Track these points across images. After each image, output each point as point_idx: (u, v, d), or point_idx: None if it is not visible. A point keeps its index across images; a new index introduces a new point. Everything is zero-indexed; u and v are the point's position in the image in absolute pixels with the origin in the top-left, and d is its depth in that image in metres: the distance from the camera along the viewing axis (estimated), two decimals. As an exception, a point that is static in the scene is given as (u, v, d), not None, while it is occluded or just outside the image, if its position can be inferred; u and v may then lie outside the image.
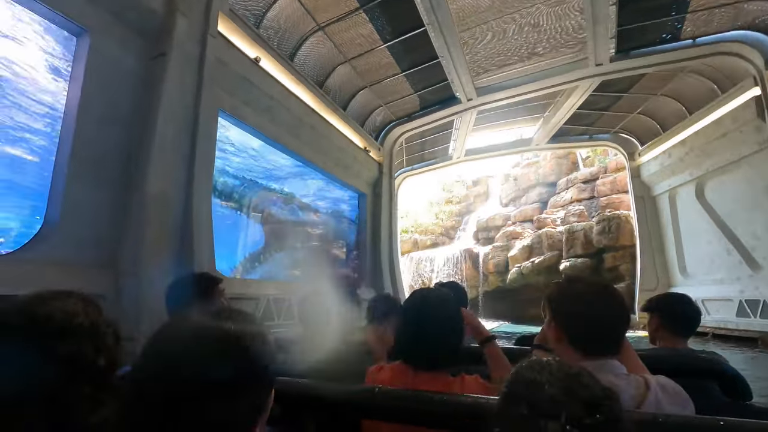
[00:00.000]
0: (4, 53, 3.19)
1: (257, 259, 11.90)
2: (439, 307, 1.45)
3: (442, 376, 1.36)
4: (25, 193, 3.33)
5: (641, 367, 1.38)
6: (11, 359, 0.84)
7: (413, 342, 1.40)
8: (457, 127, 10.33)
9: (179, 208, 3.91)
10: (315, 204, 9.76)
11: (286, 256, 12.34)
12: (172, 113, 3.89)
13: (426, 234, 18.99)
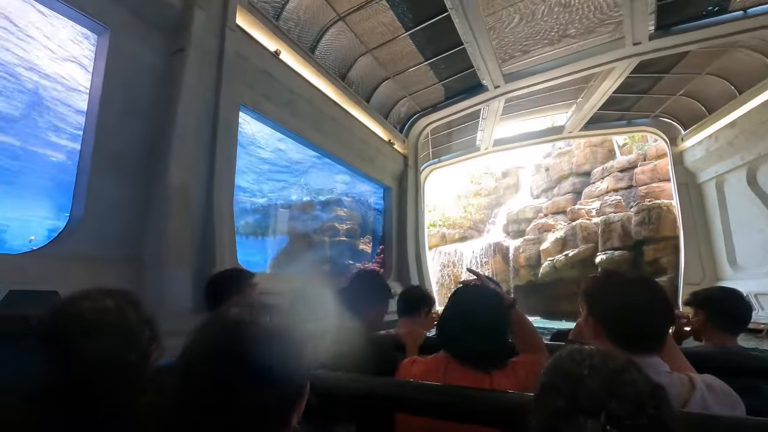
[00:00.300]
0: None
1: (286, 254, 12.11)
2: (486, 305, 1.44)
3: (474, 372, 1.35)
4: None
5: (686, 365, 1.30)
6: (39, 355, 0.89)
7: (463, 336, 1.39)
8: (485, 117, 10.02)
9: (201, 202, 3.93)
10: (341, 199, 9.76)
11: (313, 251, 12.44)
12: (192, 107, 3.89)
13: (454, 228, 18.68)
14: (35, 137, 8.81)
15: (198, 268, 3.71)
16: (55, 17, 4.48)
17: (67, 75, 8.28)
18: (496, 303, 1.50)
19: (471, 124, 10.60)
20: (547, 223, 15.02)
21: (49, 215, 9.32)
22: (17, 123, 8.67)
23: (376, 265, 9.30)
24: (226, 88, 4.34)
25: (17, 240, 9.24)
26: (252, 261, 8.65)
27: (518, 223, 16.82)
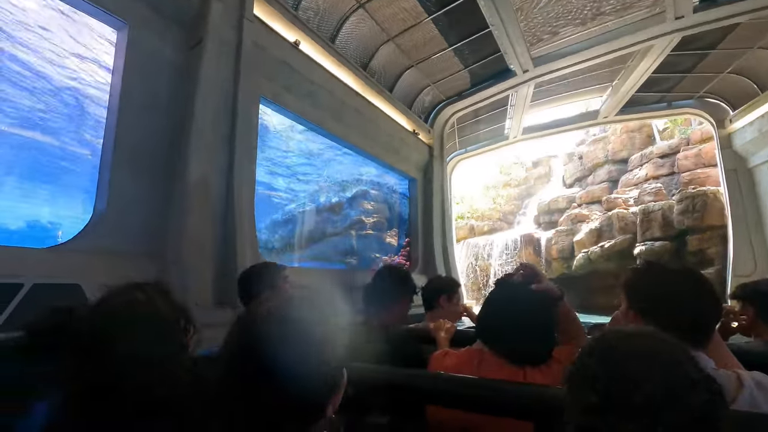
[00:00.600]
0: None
1: (312, 247, 12.11)
2: (524, 302, 1.40)
3: (509, 366, 1.33)
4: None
5: (733, 361, 1.23)
6: (75, 350, 0.90)
7: (505, 332, 1.36)
8: (513, 104, 9.63)
9: (221, 195, 3.91)
10: (368, 191, 9.67)
11: (340, 244, 12.41)
12: (211, 100, 3.86)
13: (483, 220, 18.27)
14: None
15: (219, 262, 3.70)
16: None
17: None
18: (543, 299, 1.44)
19: (499, 112, 10.24)
20: (581, 213, 14.42)
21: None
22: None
23: (402, 258, 9.17)
24: (244, 80, 4.29)
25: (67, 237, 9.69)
26: (277, 253, 8.70)
27: (550, 213, 16.24)
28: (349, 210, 14.11)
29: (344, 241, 13.63)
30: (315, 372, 0.75)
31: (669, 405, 0.50)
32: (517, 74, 8.03)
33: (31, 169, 9.27)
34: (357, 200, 14.27)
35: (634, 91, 9.30)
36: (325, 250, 12.93)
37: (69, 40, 7.73)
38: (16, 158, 9.05)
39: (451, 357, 1.48)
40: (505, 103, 9.73)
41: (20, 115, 8.73)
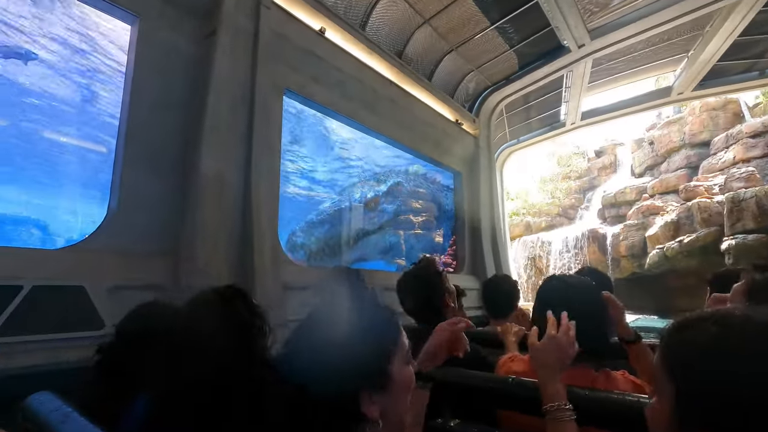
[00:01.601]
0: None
1: (358, 248, 11.88)
2: (579, 294, 1.36)
3: (584, 369, 1.30)
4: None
5: None
6: (162, 352, 0.92)
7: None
8: (569, 86, 8.71)
9: (238, 192, 3.69)
10: (416, 190, 9.27)
11: (388, 244, 12.05)
12: (225, 93, 3.66)
13: (540, 215, 17.05)
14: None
15: (235, 261, 3.48)
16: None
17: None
18: (585, 295, 1.37)
19: (552, 96, 9.32)
20: (654, 204, 12.89)
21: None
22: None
23: (449, 257, 8.64)
24: (263, 71, 4.07)
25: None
26: (322, 254, 8.54)
27: (616, 206, 14.74)
28: (395, 207, 13.75)
29: (392, 241, 13.26)
30: (371, 370, 0.80)
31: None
32: (572, 50, 7.19)
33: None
34: (403, 197, 13.84)
35: (716, 59, 7.99)
36: (371, 251, 12.64)
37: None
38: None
39: (517, 362, 1.45)
40: (559, 86, 8.82)
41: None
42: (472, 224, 8.21)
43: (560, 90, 8.96)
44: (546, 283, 1.48)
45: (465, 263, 7.87)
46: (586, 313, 1.32)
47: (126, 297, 2.92)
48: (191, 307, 1.02)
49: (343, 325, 0.81)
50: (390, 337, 0.91)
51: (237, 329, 0.97)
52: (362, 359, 0.81)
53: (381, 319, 0.92)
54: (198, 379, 0.86)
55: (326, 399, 0.75)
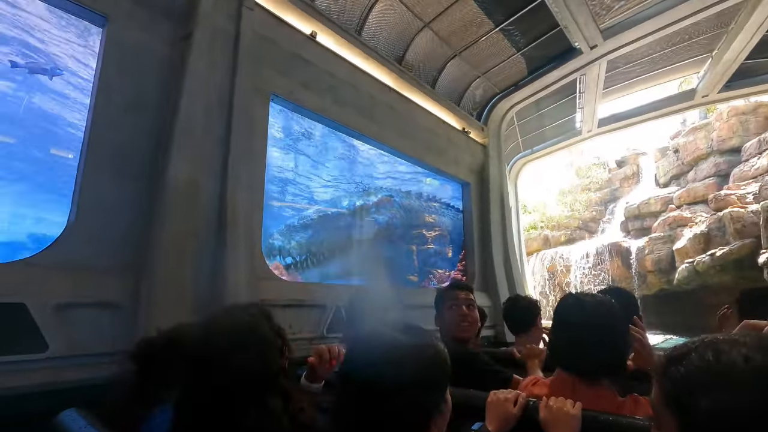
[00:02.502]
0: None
1: (364, 263, 11.44)
2: (596, 313, 1.32)
3: (608, 394, 1.29)
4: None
5: None
6: (188, 368, 1.02)
7: (570, 348, 1.32)
8: (582, 90, 8.29)
9: (212, 199, 3.43)
10: (429, 204, 8.96)
11: (396, 259, 11.63)
12: (200, 93, 3.44)
13: (559, 229, 16.35)
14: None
15: (204, 275, 3.18)
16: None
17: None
18: (603, 314, 1.32)
19: (566, 103, 8.90)
20: (681, 216, 12.12)
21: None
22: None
23: (458, 273, 8.17)
24: (244, 74, 3.84)
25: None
26: (330, 271, 8.20)
27: (640, 218, 13.99)
28: (410, 222, 13.35)
29: (405, 257, 12.79)
30: (417, 393, 0.83)
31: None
32: (584, 52, 6.81)
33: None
34: (417, 212, 13.44)
35: (743, 58, 7.44)
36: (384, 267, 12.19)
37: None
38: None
39: (541, 386, 1.41)
40: (572, 91, 8.41)
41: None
42: (482, 237, 7.77)
43: (574, 96, 8.54)
44: (562, 302, 1.43)
45: (475, 279, 7.39)
46: (604, 334, 1.28)
47: (74, 316, 2.66)
48: (218, 326, 1.06)
49: (411, 356, 0.84)
50: (448, 363, 0.95)
51: (262, 346, 1.02)
52: (435, 387, 0.86)
53: (439, 348, 0.93)
54: (225, 389, 0.94)
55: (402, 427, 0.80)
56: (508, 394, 1.35)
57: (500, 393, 1.36)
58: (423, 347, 0.88)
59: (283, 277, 5.40)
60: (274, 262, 5.95)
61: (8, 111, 4.97)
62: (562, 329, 1.39)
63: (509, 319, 2.85)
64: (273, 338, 1.08)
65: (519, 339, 2.61)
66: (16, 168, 4.80)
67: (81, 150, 3.10)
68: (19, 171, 4.84)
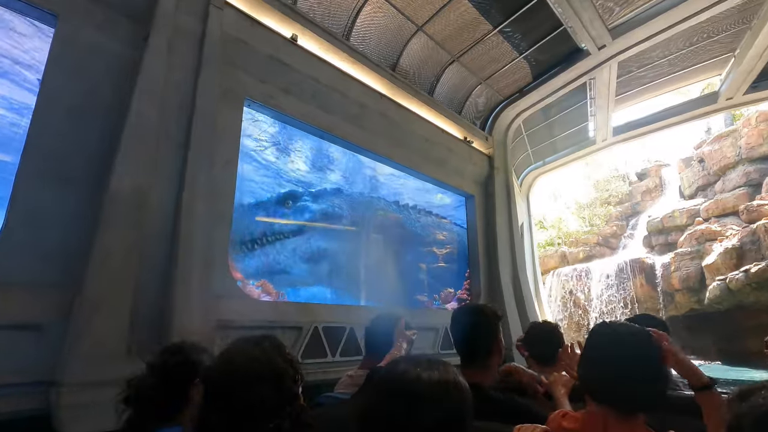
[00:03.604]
0: None
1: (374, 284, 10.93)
2: (630, 343, 1.25)
3: (642, 428, 1.22)
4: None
5: None
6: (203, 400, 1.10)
7: (603, 381, 1.25)
8: (593, 96, 7.80)
9: (165, 213, 3.10)
10: (441, 222, 8.58)
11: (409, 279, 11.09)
12: (155, 96, 3.17)
13: (577, 245, 15.50)
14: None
15: (148, 293, 2.83)
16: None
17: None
18: (647, 342, 1.26)
19: (576, 110, 8.41)
20: (710, 229, 11.25)
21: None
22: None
23: (464, 292, 7.63)
24: (210, 77, 3.58)
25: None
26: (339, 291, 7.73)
27: (665, 233, 13.10)
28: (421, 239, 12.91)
29: (414, 276, 12.28)
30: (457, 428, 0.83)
31: None
32: (591, 53, 6.38)
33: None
34: (429, 228, 13.00)
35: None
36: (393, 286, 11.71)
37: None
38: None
39: (570, 420, 1.33)
40: (583, 97, 7.93)
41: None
42: (488, 253, 7.25)
43: (585, 102, 8.04)
44: (595, 331, 1.34)
45: (480, 299, 6.85)
46: (639, 365, 1.22)
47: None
48: (238, 357, 1.12)
49: (435, 394, 0.82)
50: (471, 399, 0.94)
51: (274, 375, 1.08)
52: (459, 426, 0.85)
53: (463, 385, 0.90)
54: (242, 416, 1.03)
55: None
56: (533, 430, 1.29)
57: (525, 428, 1.30)
58: (447, 384, 0.85)
59: (264, 297, 5.03)
60: (260, 279, 5.58)
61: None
62: (594, 360, 1.31)
63: (533, 350, 2.52)
64: (286, 368, 1.12)
65: (542, 370, 2.36)
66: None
67: (21, 155, 2.83)
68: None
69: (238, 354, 1.12)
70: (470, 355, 1.73)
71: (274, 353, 1.13)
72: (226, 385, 1.06)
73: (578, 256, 14.67)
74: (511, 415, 1.48)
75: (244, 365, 1.08)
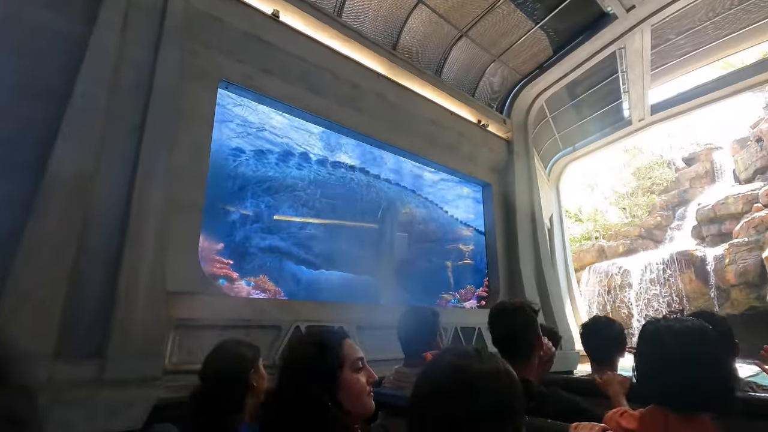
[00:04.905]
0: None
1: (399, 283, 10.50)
2: (691, 340, 1.20)
3: (708, 429, 1.18)
4: None
5: None
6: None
7: (662, 380, 1.22)
8: (624, 69, 7.00)
9: (113, 199, 2.82)
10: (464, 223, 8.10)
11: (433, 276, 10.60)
12: (105, 75, 2.90)
13: (616, 238, 14.32)
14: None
15: (85, 287, 2.54)
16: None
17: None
18: (710, 339, 1.21)
19: (607, 86, 7.62)
20: (771, 216, 9.98)
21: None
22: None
23: (485, 289, 7.05)
24: (173, 56, 3.29)
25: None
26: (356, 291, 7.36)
27: (717, 222, 11.80)
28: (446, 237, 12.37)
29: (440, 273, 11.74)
30: (496, 422, 0.80)
31: None
32: (619, 17, 5.64)
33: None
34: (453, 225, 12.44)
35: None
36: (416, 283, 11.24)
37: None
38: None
39: (628, 419, 1.30)
40: (613, 71, 7.13)
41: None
42: (508, 246, 6.63)
43: (616, 76, 7.22)
44: (649, 328, 1.30)
45: (499, 295, 6.26)
46: (701, 363, 1.16)
47: None
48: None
49: (484, 384, 0.82)
50: (521, 389, 0.93)
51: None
52: (510, 417, 0.84)
53: (513, 374, 0.89)
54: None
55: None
56: (591, 429, 1.20)
57: (582, 426, 1.21)
58: (497, 373, 0.82)
59: (255, 294, 4.72)
60: (260, 275, 5.28)
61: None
62: (652, 359, 1.26)
63: (590, 348, 2.49)
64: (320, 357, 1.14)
65: (599, 370, 2.32)
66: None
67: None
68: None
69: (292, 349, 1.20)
70: (513, 351, 1.71)
71: (314, 350, 1.18)
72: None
73: (617, 250, 13.52)
74: (561, 411, 1.46)
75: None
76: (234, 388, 1.57)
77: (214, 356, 1.68)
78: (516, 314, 1.83)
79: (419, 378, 0.88)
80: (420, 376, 0.88)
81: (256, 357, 1.71)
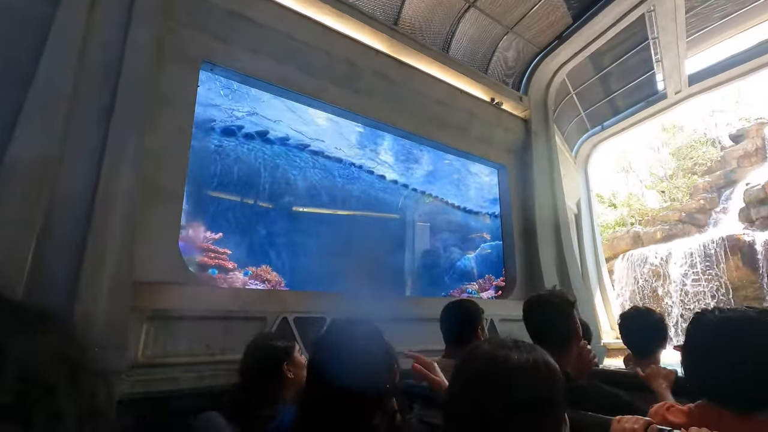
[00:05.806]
0: None
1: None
2: (749, 333, 1.13)
3: (763, 426, 1.12)
4: None
5: None
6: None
7: (714, 374, 1.16)
8: (655, 35, 6.34)
9: (81, 185, 2.70)
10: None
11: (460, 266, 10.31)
12: (70, 56, 2.78)
13: (654, 224, 13.34)
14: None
15: (48, 281, 2.43)
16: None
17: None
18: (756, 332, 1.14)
19: (636, 55, 6.95)
20: (832, 196, 8.92)
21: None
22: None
23: (503, 279, 6.67)
24: (141, 34, 3.13)
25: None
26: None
27: None
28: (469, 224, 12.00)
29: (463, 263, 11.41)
30: (533, 412, 0.78)
31: None
32: (646, -26, 5.05)
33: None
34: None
35: None
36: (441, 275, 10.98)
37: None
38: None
39: (676, 413, 1.26)
40: (643, 37, 6.47)
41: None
42: (526, 232, 6.19)
43: (646, 43, 6.56)
44: (700, 319, 1.24)
45: (516, 285, 5.85)
46: (760, 357, 1.08)
47: None
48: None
49: (523, 375, 0.83)
50: (562, 381, 0.96)
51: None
52: (551, 409, 0.86)
53: (552, 365, 0.90)
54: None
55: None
56: (635, 423, 1.12)
57: (627, 420, 1.14)
58: (535, 365, 0.82)
59: (252, 285, 4.59)
60: (262, 265, 5.15)
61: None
62: (704, 352, 1.19)
63: (630, 340, 2.42)
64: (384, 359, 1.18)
65: (639, 363, 2.26)
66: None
67: None
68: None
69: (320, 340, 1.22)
70: (550, 343, 1.56)
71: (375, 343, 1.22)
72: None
73: (655, 236, 12.59)
74: (603, 405, 1.40)
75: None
76: (271, 380, 1.75)
77: (250, 352, 1.88)
78: (552, 305, 1.84)
79: (457, 369, 0.89)
80: (457, 367, 0.89)
81: (289, 349, 1.89)
